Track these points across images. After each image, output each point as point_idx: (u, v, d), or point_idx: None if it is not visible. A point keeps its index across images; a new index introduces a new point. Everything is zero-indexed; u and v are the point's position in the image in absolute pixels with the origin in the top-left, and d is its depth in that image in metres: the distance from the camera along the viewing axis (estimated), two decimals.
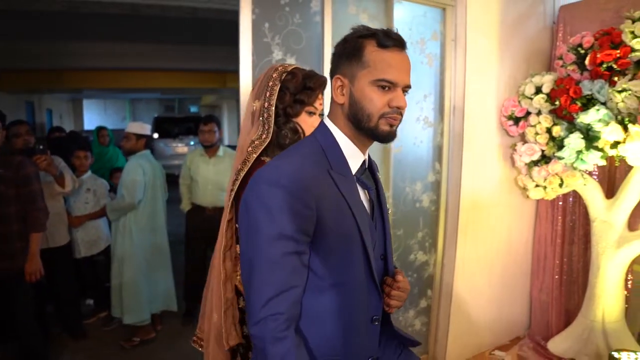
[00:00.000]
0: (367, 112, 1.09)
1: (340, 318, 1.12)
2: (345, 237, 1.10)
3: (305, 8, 2.21)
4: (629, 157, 2.25)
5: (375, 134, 1.11)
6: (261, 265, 1.01)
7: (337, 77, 1.13)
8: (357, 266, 1.13)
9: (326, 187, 1.07)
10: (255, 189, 1.05)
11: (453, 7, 2.62)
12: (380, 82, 1.07)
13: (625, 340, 2.55)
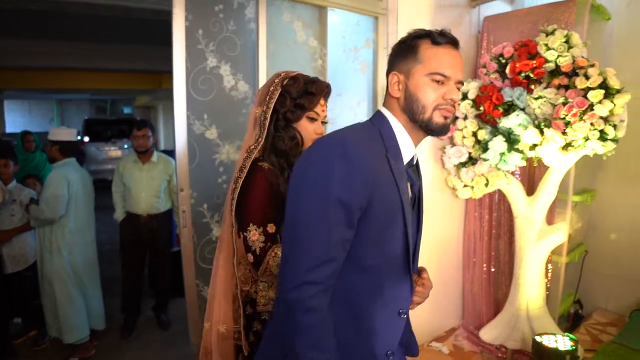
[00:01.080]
0: (422, 103, 1.13)
1: (369, 302, 1.12)
2: (390, 222, 1.10)
3: (239, 15, 2.20)
4: (545, 158, 2.45)
5: (429, 125, 1.14)
6: (310, 230, 1.01)
7: (393, 74, 1.17)
8: (395, 254, 1.13)
9: (382, 168, 1.09)
10: (318, 152, 1.05)
11: (385, 15, 2.71)
12: (434, 75, 1.11)
13: (547, 325, 2.77)
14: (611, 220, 3.36)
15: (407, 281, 1.19)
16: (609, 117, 2.26)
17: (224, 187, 2.19)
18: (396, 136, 1.16)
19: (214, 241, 2.18)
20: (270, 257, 1.35)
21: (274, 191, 1.40)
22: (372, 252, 1.09)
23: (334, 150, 1.03)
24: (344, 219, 1.01)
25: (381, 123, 1.18)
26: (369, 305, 1.11)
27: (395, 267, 1.14)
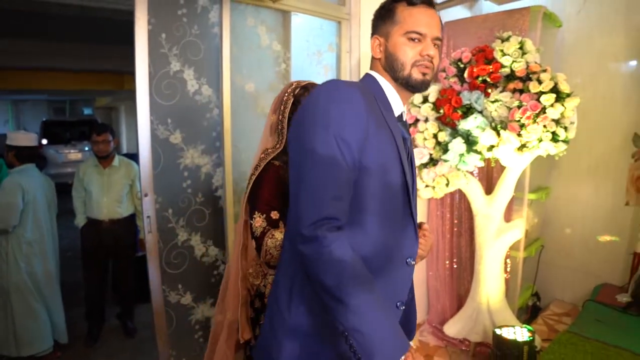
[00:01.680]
0: (400, 61, 1.18)
1: (379, 238, 1.12)
2: (389, 162, 1.13)
3: (203, 19, 2.20)
4: (502, 158, 2.55)
5: (409, 81, 1.19)
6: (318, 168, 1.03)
7: (374, 37, 1.25)
8: (397, 200, 1.16)
9: (375, 110, 1.13)
10: (316, 96, 1.09)
11: (347, 20, 2.75)
12: (410, 33, 1.17)
13: (506, 317, 2.88)
14: (565, 215, 3.53)
15: (412, 228, 1.21)
16: (560, 120, 2.38)
17: (189, 192, 2.19)
18: (384, 91, 1.22)
19: (180, 246, 2.18)
20: (268, 238, 1.41)
21: (283, 184, 1.48)
22: (375, 198, 1.11)
23: (330, 92, 1.08)
24: (348, 156, 1.04)
25: (369, 81, 1.24)
26: (379, 244, 1.12)
27: (398, 213, 1.17)
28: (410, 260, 1.20)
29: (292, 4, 2.44)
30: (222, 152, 2.27)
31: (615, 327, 2.84)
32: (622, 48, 3.19)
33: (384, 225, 1.13)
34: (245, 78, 2.37)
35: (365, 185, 1.09)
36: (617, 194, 3.30)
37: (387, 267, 1.15)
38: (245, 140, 2.39)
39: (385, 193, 1.13)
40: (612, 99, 3.24)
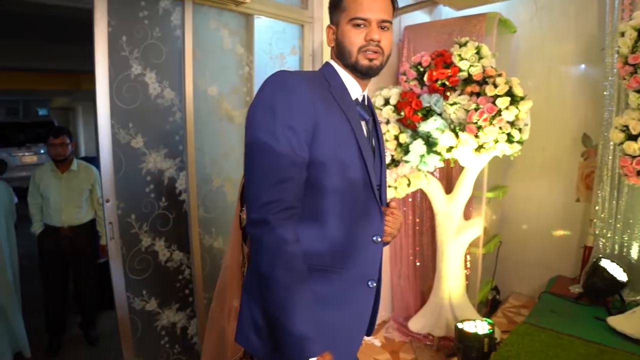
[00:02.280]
0: (347, 48, 1.21)
1: (340, 223, 1.16)
2: (342, 145, 1.16)
3: (165, 21, 2.18)
4: (461, 159, 2.65)
5: (356, 67, 1.21)
6: (262, 155, 1.07)
7: (328, 27, 1.28)
8: (356, 179, 1.18)
9: (326, 97, 1.16)
10: (263, 88, 1.13)
11: (310, 23, 2.78)
12: (354, 20, 1.19)
13: (468, 311, 2.99)
14: (521, 212, 3.69)
15: (376, 208, 1.24)
16: (515, 122, 2.48)
17: (152, 197, 2.17)
18: (340, 77, 1.25)
19: (144, 252, 2.15)
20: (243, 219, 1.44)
21: None
22: (331, 176, 1.14)
23: (276, 84, 1.11)
24: (293, 141, 1.07)
25: (326, 69, 1.27)
26: (341, 229, 1.16)
27: (358, 192, 1.19)
28: (377, 237, 1.24)
29: (255, 7, 2.45)
30: (186, 156, 2.26)
31: (568, 317, 2.99)
32: (571, 53, 3.36)
33: (344, 214, 1.16)
34: (208, 81, 2.36)
35: (320, 175, 1.12)
36: (568, 191, 3.48)
37: (353, 250, 1.18)
38: (209, 144, 2.38)
39: (342, 178, 1.15)
40: (562, 101, 3.40)
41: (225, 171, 2.46)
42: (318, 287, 1.13)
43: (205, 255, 2.39)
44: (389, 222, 1.29)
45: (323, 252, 1.15)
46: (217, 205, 2.43)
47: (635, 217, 3.15)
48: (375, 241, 1.24)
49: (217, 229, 2.44)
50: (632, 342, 2.65)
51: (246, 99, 2.52)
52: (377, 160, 1.31)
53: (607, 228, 3.24)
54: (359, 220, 1.19)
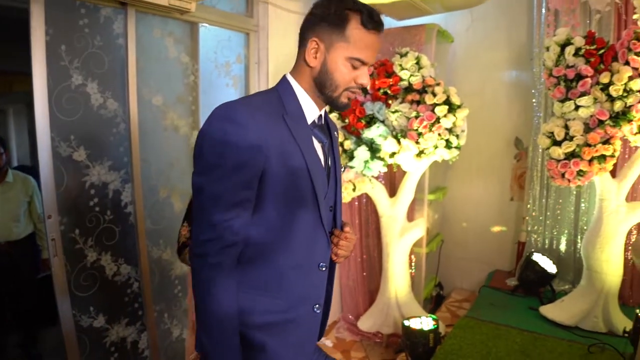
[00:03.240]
0: (335, 82, 1.15)
1: (287, 254, 1.16)
2: (294, 180, 1.12)
3: (106, 30, 2.13)
4: (403, 164, 2.77)
5: (335, 103, 1.19)
6: (208, 194, 1.06)
7: (313, 40, 1.14)
8: (305, 210, 1.16)
9: (279, 128, 1.10)
10: (210, 121, 1.07)
11: (256, 32, 2.81)
12: (354, 60, 1.14)
13: (414, 309, 3.12)
14: (461, 212, 3.89)
15: (323, 237, 1.23)
16: (453, 129, 2.63)
17: (97, 210, 2.12)
18: (298, 99, 1.17)
19: (90, 267, 2.10)
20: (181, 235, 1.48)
21: None
22: (280, 209, 1.12)
23: (222, 117, 1.05)
24: (239, 179, 1.05)
25: (284, 88, 1.19)
26: (286, 259, 1.16)
27: (306, 222, 1.17)
28: (323, 265, 1.24)
29: (200, 15, 2.44)
30: (131, 168, 2.22)
31: (505, 309, 3.20)
32: (504, 61, 3.59)
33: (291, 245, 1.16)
34: (153, 91, 2.34)
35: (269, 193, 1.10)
36: (503, 190, 3.71)
37: (299, 279, 1.19)
38: (155, 154, 2.35)
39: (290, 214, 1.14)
40: (497, 106, 3.62)
41: (171, 181, 2.44)
42: (265, 316, 1.16)
43: (154, 268, 2.36)
44: (343, 246, 1.29)
45: (270, 280, 1.16)
46: (164, 216, 2.41)
47: (563, 213, 3.41)
48: (321, 269, 1.24)
49: (165, 240, 2.42)
50: (561, 328, 2.88)
51: (192, 107, 2.51)
52: (332, 181, 1.27)
53: (538, 224, 3.48)
54: (306, 249, 1.20)
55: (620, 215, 2.72)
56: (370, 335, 3.31)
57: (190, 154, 2.54)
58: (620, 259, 2.77)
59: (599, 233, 2.77)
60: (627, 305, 3.11)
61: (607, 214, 2.73)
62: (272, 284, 1.16)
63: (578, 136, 2.54)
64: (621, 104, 2.43)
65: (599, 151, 2.50)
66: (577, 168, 2.54)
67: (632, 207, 2.75)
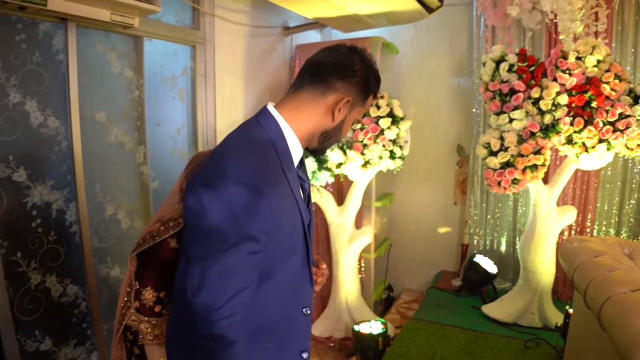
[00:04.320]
0: (340, 137, 1.20)
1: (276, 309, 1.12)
2: (293, 233, 1.11)
3: (45, 45, 2.07)
4: (349, 174, 2.86)
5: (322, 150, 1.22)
6: (221, 267, 0.97)
7: (347, 100, 1.12)
8: (297, 259, 1.14)
9: (281, 185, 1.07)
10: (216, 187, 0.98)
11: (202, 44, 2.80)
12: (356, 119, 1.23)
13: (364, 312, 3.23)
14: (408, 216, 4.04)
15: (308, 279, 1.21)
16: (396, 140, 2.75)
17: (40, 231, 2.07)
18: (287, 142, 1.11)
19: (34, 290, 2.05)
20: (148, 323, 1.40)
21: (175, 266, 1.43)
22: (279, 267, 1.10)
23: (233, 185, 0.98)
24: (256, 247, 1.01)
25: (271, 129, 1.11)
26: (277, 310, 1.13)
27: (295, 269, 1.15)
28: (307, 309, 1.20)
29: (144, 29, 2.41)
30: (74, 186, 2.18)
31: (450, 309, 3.36)
32: (447, 70, 3.75)
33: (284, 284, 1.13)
34: (96, 107, 2.30)
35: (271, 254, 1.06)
36: (447, 195, 3.88)
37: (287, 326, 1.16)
38: (99, 171, 2.32)
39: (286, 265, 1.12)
40: (440, 114, 3.79)
41: (117, 198, 2.41)
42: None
43: (102, 286, 2.33)
44: (319, 282, 1.33)
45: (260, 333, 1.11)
46: (111, 233, 2.38)
47: (502, 217, 3.62)
48: (305, 313, 1.20)
49: (112, 258, 2.39)
50: (501, 325, 3.06)
51: (137, 123, 2.49)
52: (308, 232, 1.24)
53: (480, 227, 3.67)
54: (293, 296, 1.17)
55: (552, 218, 2.92)
56: (323, 340, 3.39)
57: (136, 170, 2.52)
58: (552, 259, 2.98)
59: (533, 235, 2.96)
60: (561, 300, 3.35)
61: (540, 218, 2.93)
62: (262, 336, 1.11)
63: (512, 147, 2.71)
64: (550, 117, 2.62)
65: (531, 161, 2.68)
66: (512, 177, 2.71)
67: (563, 210, 2.96)
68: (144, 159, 2.54)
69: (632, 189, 3.21)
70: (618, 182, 3.24)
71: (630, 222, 3.25)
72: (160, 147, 2.64)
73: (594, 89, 2.53)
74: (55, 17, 2.03)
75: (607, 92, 2.51)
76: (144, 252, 1.42)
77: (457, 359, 2.73)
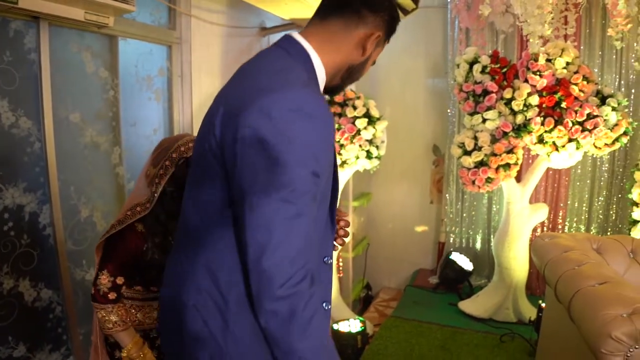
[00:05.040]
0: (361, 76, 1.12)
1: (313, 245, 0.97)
2: (331, 176, 1.03)
3: (17, 44, 2.03)
4: None
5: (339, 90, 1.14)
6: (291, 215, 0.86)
7: (377, 31, 1.04)
8: (325, 206, 1.04)
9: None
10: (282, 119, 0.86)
11: (178, 44, 2.78)
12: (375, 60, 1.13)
13: (343, 311, 3.25)
14: (385, 215, 4.09)
15: (332, 229, 1.12)
16: (373, 140, 2.78)
17: (12, 235, 2.02)
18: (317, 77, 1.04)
19: (7, 295, 2.00)
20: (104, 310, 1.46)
21: (139, 253, 1.49)
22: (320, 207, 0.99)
23: (301, 117, 0.88)
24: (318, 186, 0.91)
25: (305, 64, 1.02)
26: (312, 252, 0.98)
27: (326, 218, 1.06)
28: (327, 259, 1.10)
29: (119, 28, 2.38)
30: (48, 188, 2.14)
31: (428, 306, 3.42)
32: (422, 70, 3.81)
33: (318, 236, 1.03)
34: (70, 107, 2.26)
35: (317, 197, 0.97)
36: (424, 194, 3.94)
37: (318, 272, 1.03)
38: (73, 172, 2.28)
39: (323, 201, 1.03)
40: (416, 113, 3.85)
41: (92, 200, 2.37)
42: None
43: (77, 290, 2.29)
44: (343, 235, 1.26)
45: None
46: (86, 236, 2.34)
47: (477, 214, 3.69)
48: (327, 262, 1.10)
49: (88, 261, 2.35)
50: (477, 321, 3.13)
51: (112, 123, 2.46)
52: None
53: (455, 225, 3.75)
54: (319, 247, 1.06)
55: (524, 216, 3.00)
56: None
57: (112, 171, 2.49)
58: (526, 255, 3.06)
59: (507, 233, 3.04)
60: (535, 295, 3.45)
61: (514, 216, 3.01)
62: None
63: (486, 146, 2.77)
64: (522, 117, 2.69)
65: (504, 160, 2.75)
66: (486, 175, 2.77)
67: (535, 208, 3.04)
68: (120, 160, 2.51)
69: (600, 187, 3.32)
70: (587, 180, 3.35)
71: (600, 218, 3.36)
72: (136, 147, 2.61)
73: (563, 90, 2.62)
74: (27, 15, 1.99)
75: (575, 93, 2.60)
76: (109, 239, 1.47)
77: (435, 355, 2.78)
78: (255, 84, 0.95)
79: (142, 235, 1.50)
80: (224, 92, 1.08)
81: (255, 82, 0.97)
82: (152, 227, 1.52)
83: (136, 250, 1.49)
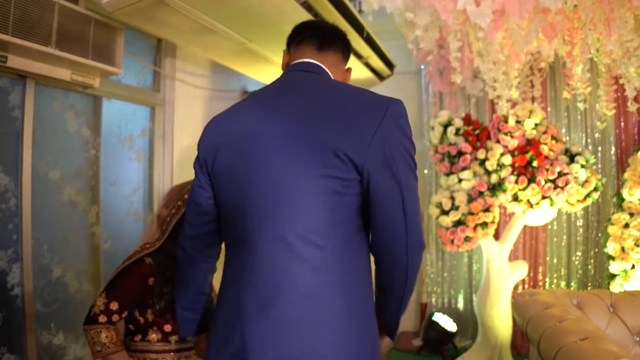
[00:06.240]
0: None
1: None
2: None
3: (1, 101, 2.04)
4: None
5: None
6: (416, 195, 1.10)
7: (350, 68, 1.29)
8: None
9: None
10: (406, 128, 1.08)
11: (162, 106, 2.84)
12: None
13: None
14: None
15: None
16: None
17: None
18: None
19: None
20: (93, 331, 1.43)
21: (144, 286, 1.51)
22: None
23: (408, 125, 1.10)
24: None
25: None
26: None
27: None
28: None
29: (104, 89, 2.43)
30: (20, 246, 2.08)
31: None
32: None
33: None
34: (50, 165, 2.25)
35: None
36: None
37: None
38: (48, 230, 2.23)
39: None
40: None
41: (66, 260, 2.30)
42: None
43: (43, 355, 2.16)
44: None
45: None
46: (57, 297, 2.25)
47: (458, 274, 3.69)
48: None
49: (57, 324, 2.24)
50: None
51: (91, 182, 2.44)
52: None
53: (437, 285, 3.72)
54: None
55: (504, 273, 3.00)
56: None
57: (88, 229, 2.44)
58: (509, 313, 3.03)
59: (488, 291, 3.02)
60: (520, 354, 3.37)
61: (494, 274, 3.01)
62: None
63: (463, 206, 2.83)
64: (496, 177, 2.77)
65: (481, 218, 2.80)
66: (464, 234, 2.80)
67: (515, 265, 3.06)
68: (97, 219, 2.47)
69: (577, 242, 3.38)
70: (564, 235, 3.41)
71: (579, 273, 3.39)
72: (114, 207, 2.58)
73: (533, 149, 2.73)
74: (14, 73, 2.03)
75: (545, 152, 2.71)
76: (118, 273, 1.52)
77: None
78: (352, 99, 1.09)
79: (150, 267, 1.54)
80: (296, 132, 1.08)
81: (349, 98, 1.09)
82: (162, 262, 1.56)
83: (141, 279, 1.51)
